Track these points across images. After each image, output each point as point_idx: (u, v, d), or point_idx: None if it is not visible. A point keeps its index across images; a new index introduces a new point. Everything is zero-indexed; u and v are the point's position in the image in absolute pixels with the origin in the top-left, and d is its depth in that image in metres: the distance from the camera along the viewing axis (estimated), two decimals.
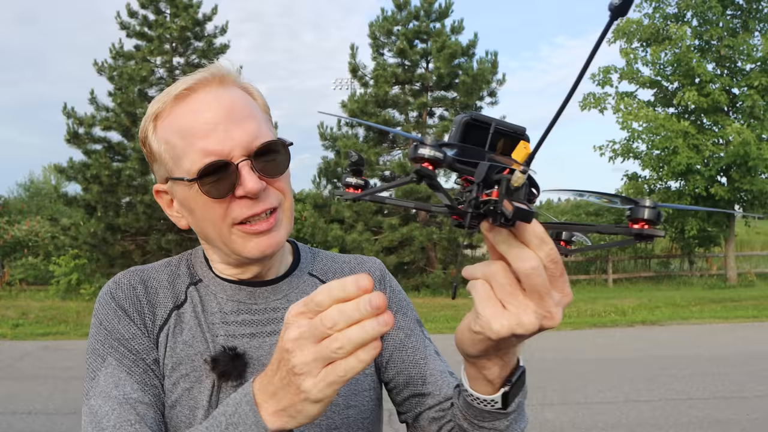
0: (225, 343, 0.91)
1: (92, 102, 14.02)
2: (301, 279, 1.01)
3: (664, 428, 4.97)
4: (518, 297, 0.57)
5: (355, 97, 14.78)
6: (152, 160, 0.94)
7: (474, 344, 0.64)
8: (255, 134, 0.87)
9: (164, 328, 0.92)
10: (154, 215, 13.04)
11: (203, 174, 0.84)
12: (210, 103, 0.87)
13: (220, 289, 0.96)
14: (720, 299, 12.16)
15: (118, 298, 0.92)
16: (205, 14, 14.73)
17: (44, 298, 13.27)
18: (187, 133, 0.86)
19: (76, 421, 5.32)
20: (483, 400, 0.74)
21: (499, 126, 0.60)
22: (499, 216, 0.51)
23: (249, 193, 0.85)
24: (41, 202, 26.97)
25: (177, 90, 0.89)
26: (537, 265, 0.54)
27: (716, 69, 14.29)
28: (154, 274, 0.97)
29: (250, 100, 0.92)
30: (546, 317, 0.56)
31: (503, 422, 0.78)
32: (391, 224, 13.58)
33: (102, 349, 0.88)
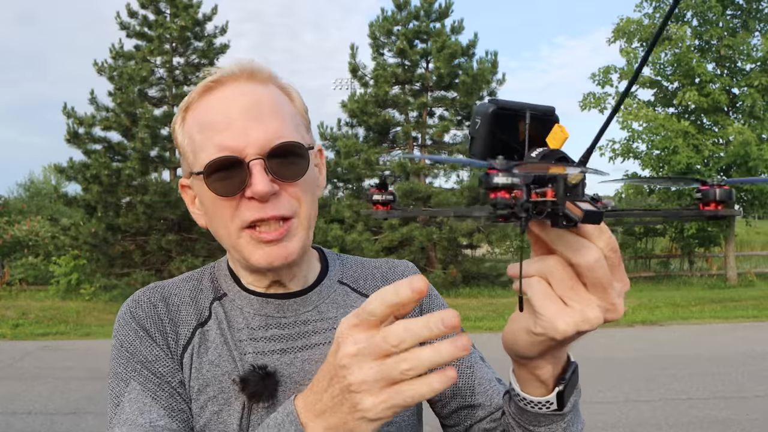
0: (254, 362, 0.85)
1: (92, 102, 14.02)
2: (332, 288, 0.95)
3: (664, 428, 4.97)
4: (580, 292, 0.54)
5: (355, 97, 14.78)
6: (179, 154, 0.91)
7: (533, 346, 0.60)
8: (275, 134, 0.81)
9: (188, 347, 0.86)
10: (154, 215, 13.04)
11: (212, 169, 0.80)
12: (233, 97, 0.83)
13: (247, 303, 0.90)
14: (720, 299, 12.15)
15: (139, 318, 0.86)
16: (205, 14, 14.72)
17: (44, 298, 13.27)
18: (207, 127, 0.83)
19: (76, 421, 5.32)
20: (537, 402, 0.70)
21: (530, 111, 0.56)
22: (561, 218, 0.48)
23: (256, 195, 0.79)
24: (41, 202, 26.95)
25: (205, 82, 0.86)
26: (599, 256, 0.52)
27: (716, 69, 14.29)
28: (176, 290, 0.91)
29: (282, 100, 0.87)
30: (610, 310, 0.54)
31: (560, 425, 0.73)
32: (391, 224, 13.57)
33: (125, 372, 0.83)
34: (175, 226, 13.55)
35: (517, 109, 0.55)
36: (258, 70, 0.87)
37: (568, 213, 0.47)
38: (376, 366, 0.52)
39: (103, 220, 13.09)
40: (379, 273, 1.01)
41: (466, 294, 13.26)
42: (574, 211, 0.47)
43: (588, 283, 0.53)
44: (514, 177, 0.46)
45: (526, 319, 0.59)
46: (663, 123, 13.29)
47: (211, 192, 0.81)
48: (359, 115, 14.47)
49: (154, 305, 0.88)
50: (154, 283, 0.93)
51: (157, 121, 13.69)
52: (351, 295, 0.96)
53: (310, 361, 0.87)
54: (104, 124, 13.75)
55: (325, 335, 0.90)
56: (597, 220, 0.46)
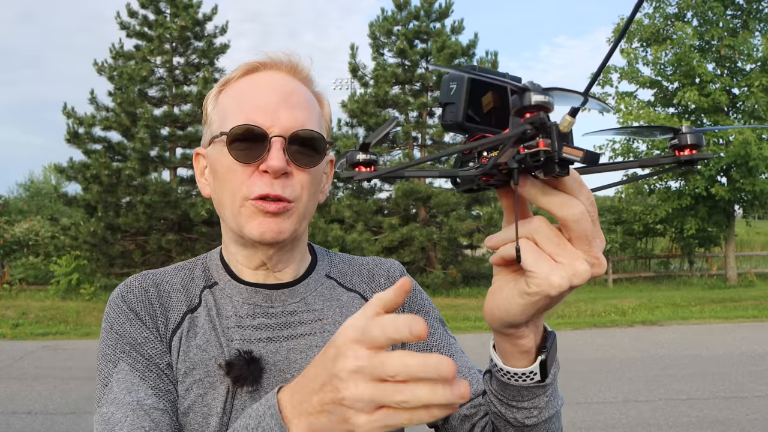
0: (240, 347, 0.88)
1: (92, 102, 14.03)
2: (319, 282, 0.99)
3: (664, 428, 4.97)
4: (566, 247, 0.56)
5: (355, 97, 14.78)
6: (204, 123, 0.95)
7: (526, 309, 0.61)
8: (301, 122, 0.87)
9: (177, 331, 0.89)
10: (154, 215, 13.05)
11: (236, 134, 0.85)
12: (273, 82, 0.89)
13: (236, 292, 0.93)
14: (720, 299, 12.15)
15: (130, 302, 0.89)
16: (205, 14, 14.74)
17: (44, 298, 13.27)
18: (242, 101, 0.87)
19: (75, 421, 5.33)
20: (522, 374, 0.72)
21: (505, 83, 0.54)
22: (555, 165, 0.48)
23: (270, 169, 0.83)
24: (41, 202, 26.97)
25: (249, 63, 0.92)
26: (583, 209, 0.54)
27: (716, 69, 14.29)
28: (167, 278, 0.94)
29: (314, 103, 0.93)
30: (595, 264, 0.56)
31: (543, 398, 0.75)
32: (391, 224, 13.58)
33: (114, 354, 0.86)
34: (175, 226, 13.55)
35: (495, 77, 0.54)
36: (301, 68, 0.93)
37: (566, 156, 0.47)
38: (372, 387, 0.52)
39: (103, 220, 13.10)
40: (365, 269, 1.04)
41: (466, 294, 13.26)
42: (573, 153, 0.47)
43: (573, 237, 0.55)
44: (548, 95, 0.46)
45: (515, 284, 0.60)
46: (663, 123, 13.29)
47: (230, 155, 0.85)
48: (359, 115, 14.48)
49: (146, 290, 0.91)
50: (146, 270, 0.96)
51: (157, 121, 13.69)
52: (337, 289, 0.99)
53: (295, 350, 0.90)
54: (104, 124, 13.76)
55: (311, 326, 0.93)
56: (595, 160, 0.47)
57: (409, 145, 14.92)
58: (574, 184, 0.55)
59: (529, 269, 0.56)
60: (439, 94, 0.58)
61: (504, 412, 0.77)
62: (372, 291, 1.01)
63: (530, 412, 0.76)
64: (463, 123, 0.54)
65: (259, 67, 0.91)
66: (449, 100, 0.56)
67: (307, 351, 0.90)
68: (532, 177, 0.54)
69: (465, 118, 0.55)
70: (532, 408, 0.75)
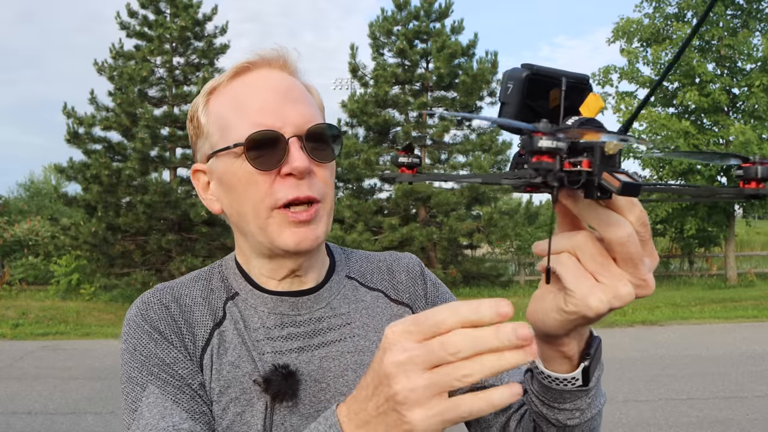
0: (273, 361, 0.84)
1: (92, 102, 14.03)
2: (341, 284, 0.95)
3: (664, 428, 4.97)
4: (611, 267, 0.53)
5: (355, 97, 14.78)
6: (197, 137, 0.90)
7: (562, 325, 0.59)
8: (309, 117, 0.84)
9: (207, 348, 0.84)
10: (154, 215, 13.04)
11: (252, 142, 0.80)
12: (268, 80, 0.86)
13: (260, 302, 0.89)
14: (720, 299, 12.15)
15: (151, 320, 0.84)
16: (205, 14, 14.73)
17: (44, 298, 13.27)
18: (241, 106, 0.84)
19: (75, 421, 5.32)
20: (563, 379, 0.69)
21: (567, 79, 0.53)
22: (596, 189, 0.46)
23: (295, 171, 0.80)
24: (41, 202, 26.96)
25: (237, 66, 0.88)
26: (631, 231, 0.51)
27: (716, 69, 14.29)
28: (186, 291, 0.89)
29: (308, 93, 0.91)
30: (641, 285, 0.53)
31: (585, 400, 0.73)
32: (391, 224, 13.58)
33: (140, 377, 0.80)
34: (175, 226, 13.55)
35: (552, 76, 0.53)
36: (290, 63, 0.91)
37: (604, 184, 0.45)
38: (427, 375, 0.49)
39: (103, 220, 13.09)
40: (384, 266, 1.01)
41: (466, 294, 13.26)
42: (611, 181, 0.44)
43: (619, 259, 0.52)
44: (559, 141, 0.44)
45: (554, 298, 0.58)
46: (664, 123, 13.30)
47: (250, 165, 0.81)
48: (359, 115, 14.47)
49: (166, 306, 0.86)
50: (160, 284, 0.91)
51: (157, 121, 13.69)
52: (360, 290, 0.97)
53: (327, 358, 0.87)
54: (104, 124, 13.76)
55: (340, 331, 0.90)
56: (635, 192, 0.44)
57: None
58: (624, 202, 0.51)
59: (567, 287, 0.54)
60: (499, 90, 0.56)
61: (545, 413, 0.76)
62: (394, 288, 0.98)
63: (572, 413, 0.74)
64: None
65: (250, 67, 0.87)
66: (505, 100, 0.54)
67: (339, 358, 0.88)
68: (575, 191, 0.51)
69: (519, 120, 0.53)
70: (574, 409, 0.74)
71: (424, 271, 1.02)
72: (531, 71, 0.52)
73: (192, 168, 0.92)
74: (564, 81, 0.52)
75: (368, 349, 0.90)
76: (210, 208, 0.91)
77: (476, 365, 0.48)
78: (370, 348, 0.90)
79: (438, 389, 0.48)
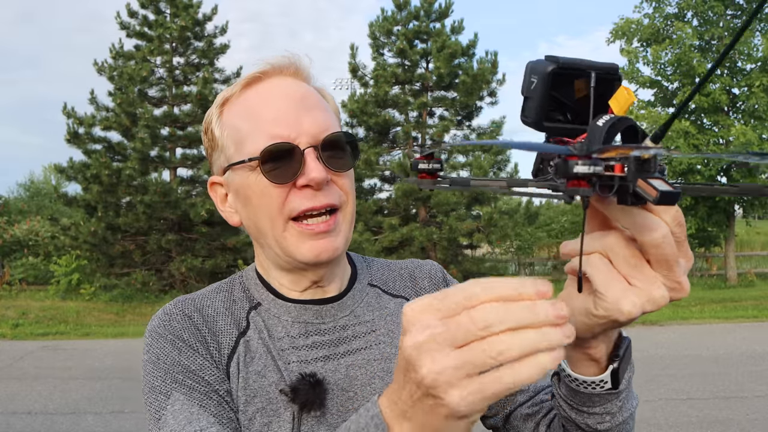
0: (299, 370, 0.82)
1: (92, 102, 14.04)
2: (364, 291, 0.94)
3: (664, 428, 4.97)
4: (644, 270, 0.50)
5: (355, 97, 14.78)
6: (212, 150, 0.89)
7: (591, 328, 0.56)
8: (324, 125, 0.83)
9: (233, 357, 0.83)
10: (154, 215, 13.04)
11: (267, 155, 0.79)
12: (282, 89, 0.84)
13: (284, 311, 0.88)
14: (720, 299, 12.15)
15: (174, 329, 0.82)
16: (205, 14, 14.74)
17: (44, 298, 13.27)
18: (255, 117, 0.82)
19: (75, 421, 5.32)
20: (591, 382, 0.66)
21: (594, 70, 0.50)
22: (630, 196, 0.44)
23: (312, 182, 0.79)
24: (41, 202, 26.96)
25: (249, 76, 0.86)
26: (666, 232, 0.48)
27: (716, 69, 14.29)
28: (208, 302, 0.88)
29: (323, 99, 0.89)
30: (675, 288, 0.51)
31: (615, 403, 0.69)
32: (391, 224, 13.58)
33: (163, 385, 0.78)
34: (175, 226, 13.55)
35: (579, 68, 0.50)
36: (303, 69, 0.89)
37: (639, 192, 0.42)
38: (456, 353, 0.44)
39: (103, 220, 13.10)
40: (406, 273, 1.00)
41: None
42: (647, 190, 0.42)
43: (653, 261, 0.50)
44: (596, 165, 0.41)
45: (583, 301, 0.55)
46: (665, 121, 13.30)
47: (266, 179, 0.80)
48: (359, 115, 14.47)
49: (189, 316, 0.84)
50: (181, 296, 0.90)
51: (157, 121, 13.70)
52: (383, 297, 0.96)
53: (354, 366, 0.86)
54: (104, 124, 13.77)
55: (365, 339, 0.89)
56: (673, 200, 0.41)
57: (408, 145, 14.91)
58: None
59: (598, 290, 0.51)
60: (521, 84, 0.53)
61: (574, 417, 0.73)
62: (417, 294, 0.97)
63: (602, 417, 0.71)
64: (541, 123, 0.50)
65: (262, 77, 0.86)
66: (528, 95, 0.51)
67: (366, 366, 0.86)
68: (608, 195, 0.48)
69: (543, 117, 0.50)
70: (604, 413, 0.70)
71: (446, 276, 1.02)
72: (557, 65, 0.49)
73: (209, 180, 0.91)
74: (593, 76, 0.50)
75: (394, 356, 0.89)
76: (229, 220, 0.89)
77: (514, 339, 0.43)
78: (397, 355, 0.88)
79: (471, 369, 0.44)
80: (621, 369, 0.66)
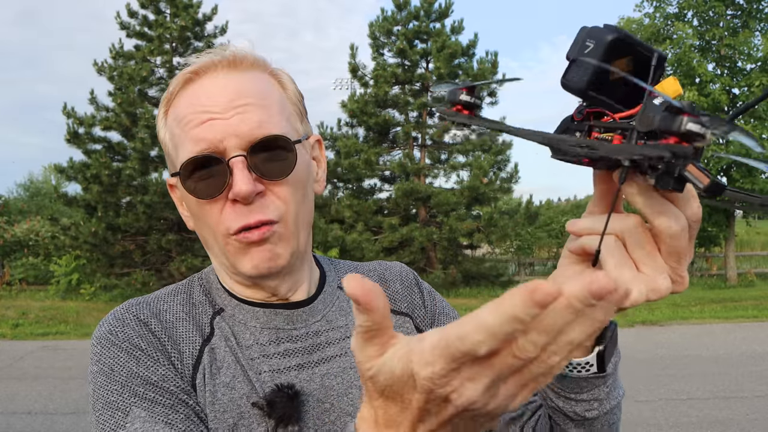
0: (272, 380, 0.76)
1: (92, 102, 14.04)
2: (334, 295, 0.88)
3: (664, 428, 4.97)
4: (656, 258, 0.50)
5: (355, 97, 14.79)
6: (165, 151, 0.83)
7: None
8: (257, 126, 0.73)
9: (198, 367, 0.75)
10: (154, 215, 13.05)
11: (189, 168, 0.72)
12: (212, 88, 0.75)
13: (250, 317, 0.80)
14: (720, 299, 12.15)
15: (129, 336, 0.73)
16: (205, 14, 14.74)
17: (44, 298, 13.28)
18: (183, 121, 0.75)
19: (75, 421, 5.32)
20: (576, 365, 0.65)
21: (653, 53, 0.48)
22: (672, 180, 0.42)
23: (238, 197, 0.71)
24: (41, 202, 26.97)
25: (184, 74, 0.79)
26: (686, 225, 0.48)
27: (716, 69, 14.29)
28: (165, 305, 0.79)
29: (270, 88, 0.79)
30: (678, 281, 0.51)
31: (602, 389, 0.69)
32: (391, 224, 13.58)
33: (121, 400, 0.69)
34: (175, 226, 13.55)
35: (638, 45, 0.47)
36: (241, 58, 0.78)
37: (689, 177, 0.41)
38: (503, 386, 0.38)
39: (103, 220, 13.11)
40: (375, 275, 0.94)
41: (466, 294, 13.25)
42: (699, 177, 0.41)
43: (665, 251, 0.49)
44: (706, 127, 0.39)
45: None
46: None
47: (190, 195, 0.74)
48: (359, 115, 14.48)
49: (145, 322, 0.75)
50: (133, 299, 0.81)
51: None
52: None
53: (329, 375, 0.80)
54: (104, 124, 13.76)
55: (340, 346, 0.83)
56: (719, 192, 0.41)
57: (409, 145, 14.92)
58: (683, 196, 0.48)
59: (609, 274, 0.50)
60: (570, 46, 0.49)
61: (562, 406, 0.71)
62: (391, 298, 0.91)
63: (590, 404, 0.70)
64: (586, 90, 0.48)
65: (193, 77, 0.77)
66: (578, 58, 0.48)
67: (341, 374, 0.80)
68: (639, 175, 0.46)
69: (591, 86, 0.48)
70: (592, 400, 0.70)
71: (418, 279, 0.98)
72: (619, 35, 0.46)
73: (167, 182, 0.84)
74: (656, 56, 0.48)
75: None
76: (186, 224, 0.84)
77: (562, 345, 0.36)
78: None
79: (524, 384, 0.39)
80: (607, 352, 0.65)
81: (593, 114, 0.51)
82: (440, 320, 0.94)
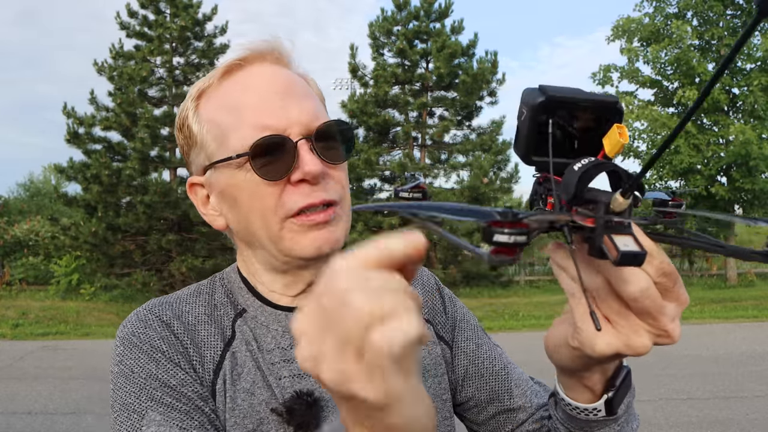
0: (292, 385, 0.75)
1: (92, 102, 14.04)
2: None
3: (664, 428, 4.97)
4: (628, 317, 0.47)
5: (355, 97, 14.79)
6: (190, 147, 0.80)
7: (573, 360, 0.54)
8: (315, 114, 0.75)
9: (219, 372, 0.74)
10: (154, 215, 13.05)
11: (257, 150, 0.71)
12: (265, 77, 0.76)
13: (273, 320, 0.79)
14: (720, 299, 12.15)
15: (150, 338, 0.73)
16: (205, 14, 14.74)
17: (44, 298, 13.27)
18: (238, 108, 0.74)
19: (75, 421, 5.32)
20: (584, 409, 0.64)
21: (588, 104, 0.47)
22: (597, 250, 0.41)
23: (308, 176, 0.72)
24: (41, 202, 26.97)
25: (227, 63, 0.78)
26: (646, 285, 0.45)
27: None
28: (187, 307, 0.79)
29: (307, 85, 0.82)
30: (661, 336, 0.48)
31: (613, 427, 0.68)
32: (391, 224, 13.58)
33: (137, 403, 0.69)
34: (175, 226, 13.55)
35: (571, 101, 0.46)
36: (284, 54, 0.81)
37: (604, 250, 0.40)
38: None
39: (103, 220, 13.10)
40: None
41: (466, 294, 13.26)
42: (609, 249, 0.39)
43: (634, 312, 0.47)
44: (518, 235, 0.37)
45: (566, 329, 0.53)
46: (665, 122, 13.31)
47: (257, 176, 0.72)
48: (359, 115, 14.48)
49: (167, 324, 0.75)
50: (156, 299, 0.81)
51: (157, 121, 13.69)
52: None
53: None
54: (104, 124, 13.76)
55: None
56: (636, 262, 0.39)
57: (409, 145, 14.92)
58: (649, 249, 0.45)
59: (576, 323, 0.49)
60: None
61: None
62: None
63: None
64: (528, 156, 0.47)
65: (242, 64, 0.77)
66: (519, 125, 0.48)
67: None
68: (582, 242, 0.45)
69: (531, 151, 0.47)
70: None
71: (439, 284, 0.97)
72: (546, 96, 0.46)
73: (188, 182, 0.82)
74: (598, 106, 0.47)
75: None
76: (212, 224, 0.81)
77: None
78: None
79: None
80: (617, 398, 0.63)
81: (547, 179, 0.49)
82: (461, 328, 0.93)
